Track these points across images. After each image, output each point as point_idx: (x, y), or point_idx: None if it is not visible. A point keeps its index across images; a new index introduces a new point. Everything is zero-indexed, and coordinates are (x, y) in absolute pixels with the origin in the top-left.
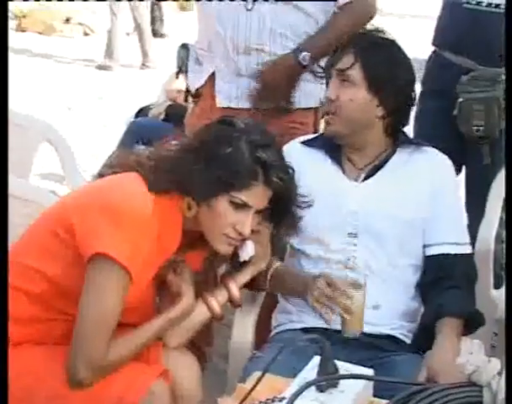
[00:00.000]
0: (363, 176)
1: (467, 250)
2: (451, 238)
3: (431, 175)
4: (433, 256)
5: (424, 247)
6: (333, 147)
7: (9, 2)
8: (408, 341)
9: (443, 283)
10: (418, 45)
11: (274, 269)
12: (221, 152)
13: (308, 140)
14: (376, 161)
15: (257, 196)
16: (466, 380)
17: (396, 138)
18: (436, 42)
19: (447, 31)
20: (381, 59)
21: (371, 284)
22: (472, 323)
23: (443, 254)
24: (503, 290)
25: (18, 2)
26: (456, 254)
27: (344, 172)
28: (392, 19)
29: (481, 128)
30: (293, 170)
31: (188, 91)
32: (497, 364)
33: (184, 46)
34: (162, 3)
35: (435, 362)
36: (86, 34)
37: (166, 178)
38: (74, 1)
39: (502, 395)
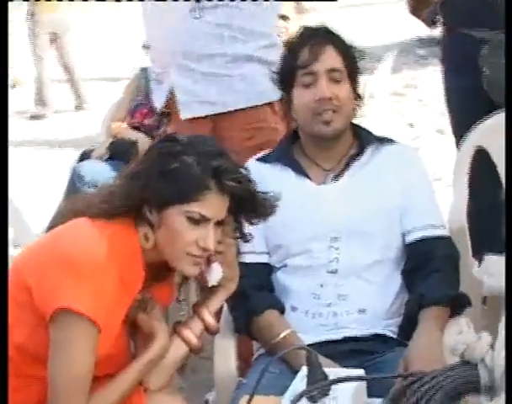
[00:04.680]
0: (332, 177)
1: (444, 232)
2: (427, 221)
3: (399, 167)
4: (412, 243)
5: (403, 236)
6: (289, 158)
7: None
8: (396, 336)
9: (424, 269)
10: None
11: None
12: (168, 169)
13: (263, 157)
14: (342, 160)
15: (213, 206)
16: (459, 360)
17: (360, 135)
18: (448, 21)
19: (457, 8)
20: (352, 52)
21: (357, 288)
22: (456, 306)
23: (421, 239)
24: (484, 264)
25: None
26: (433, 237)
27: (310, 178)
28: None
29: None
30: (247, 171)
31: (161, 113)
32: (487, 339)
33: (143, 70)
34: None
35: (410, 353)
36: (14, 86)
37: (118, 205)
38: None
39: (500, 371)
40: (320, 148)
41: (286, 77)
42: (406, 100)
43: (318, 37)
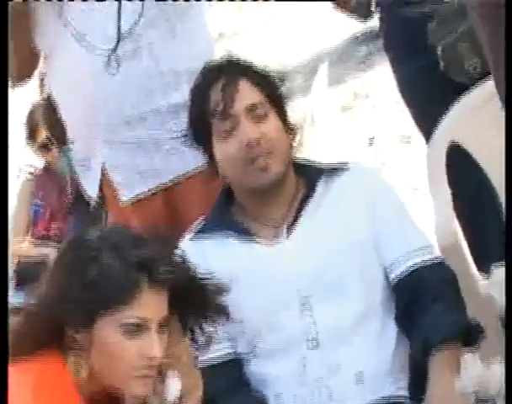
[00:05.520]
0: (284, 230)
1: (434, 253)
2: (410, 246)
3: (360, 192)
4: (398, 278)
5: (386, 273)
6: (229, 222)
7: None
8: (407, 392)
9: (420, 304)
10: None
11: None
12: (85, 277)
13: (198, 231)
14: (291, 207)
15: (150, 305)
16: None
17: (304, 171)
18: (382, 3)
19: None
20: (271, 79)
21: (347, 354)
22: (469, 338)
23: (408, 270)
24: (494, 276)
25: None
26: (422, 264)
27: (259, 240)
28: None
29: (477, 66)
30: (182, 253)
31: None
32: (499, 369)
33: (65, 153)
34: None
35: None
36: None
37: (33, 337)
38: None
39: None
40: (262, 201)
41: (199, 129)
42: (358, 113)
43: (226, 72)
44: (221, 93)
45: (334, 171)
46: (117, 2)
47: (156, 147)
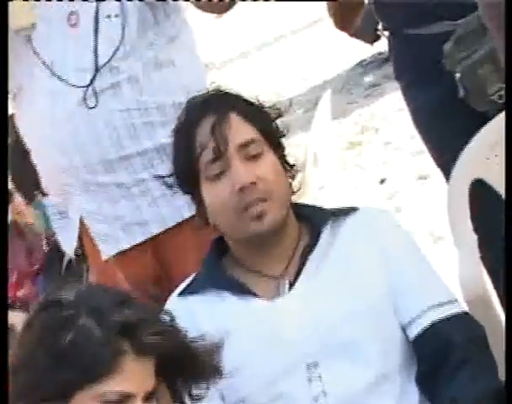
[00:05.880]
0: (286, 284)
1: (458, 307)
2: (431, 300)
3: (372, 240)
4: (419, 335)
5: (404, 330)
6: (223, 277)
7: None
8: None
9: (445, 367)
10: None
11: None
12: (60, 344)
13: (187, 288)
14: (293, 258)
15: (134, 375)
16: None
17: (307, 216)
18: (391, 23)
19: (398, 4)
20: (265, 113)
21: None
22: (501, 402)
23: (430, 326)
24: None
25: None
26: (446, 318)
27: (257, 296)
28: None
29: (502, 90)
30: (169, 315)
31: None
32: None
33: (37, 206)
34: None
35: None
36: None
37: None
38: None
39: None
40: (259, 252)
41: (186, 172)
42: (367, 149)
43: (215, 107)
44: (210, 132)
45: (341, 216)
46: (93, 30)
47: (142, 193)
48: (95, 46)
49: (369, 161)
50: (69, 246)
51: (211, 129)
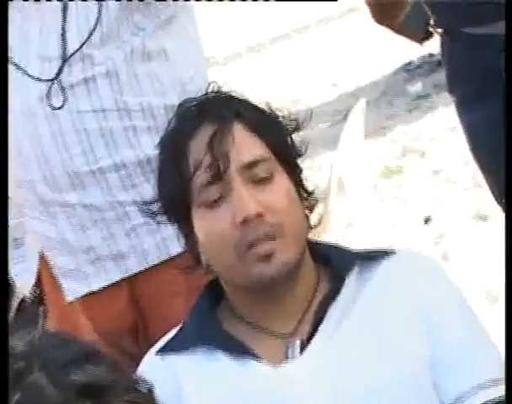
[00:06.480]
0: (297, 345)
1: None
2: (483, 376)
3: (409, 291)
4: None
5: None
6: (216, 332)
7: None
8: None
9: None
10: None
11: None
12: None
13: (169, 343)
14: (308, 312)
15: None
16: None
17: (329, 259)
18: (448, 22)
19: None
20: (279, 124)
21: None
22: None
23: None
24: None
25: None
26: (497, 400)
27: (259, 358)
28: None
29: None
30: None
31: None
32: None
33: None
34: None
35: None
36: None
37: None
38: None
39: None
40: (264, 303)
41: (174, 197)
42: (409, 178)
43: (215, 114)
44: (206, 146)
45: (372, 261)
46: (61, 8)
47: (118, 219)
48: (63, 28)
49: (411, 193)
50: (24, 282)
51: (209, 142)
